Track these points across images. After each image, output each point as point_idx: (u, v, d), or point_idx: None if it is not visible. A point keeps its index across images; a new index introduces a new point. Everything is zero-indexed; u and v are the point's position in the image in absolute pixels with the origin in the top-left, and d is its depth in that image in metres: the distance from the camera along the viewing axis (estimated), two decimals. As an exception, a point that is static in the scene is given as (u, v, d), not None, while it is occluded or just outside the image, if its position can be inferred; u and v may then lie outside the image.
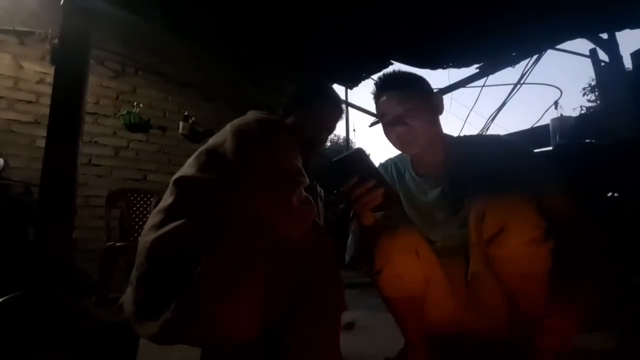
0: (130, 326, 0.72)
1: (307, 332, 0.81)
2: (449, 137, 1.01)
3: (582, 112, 10.52)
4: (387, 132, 0.97)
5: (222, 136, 0.85)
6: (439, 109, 0.97)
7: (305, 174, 0.84)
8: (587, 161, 1.73)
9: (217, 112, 3.43)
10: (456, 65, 3.27)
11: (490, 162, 0.85)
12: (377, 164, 1.10)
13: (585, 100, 12.80)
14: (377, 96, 0.98)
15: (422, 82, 0.98)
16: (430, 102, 0.95)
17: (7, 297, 0.87)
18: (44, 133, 1.53)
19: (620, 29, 2.40)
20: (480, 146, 0.95)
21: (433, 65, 3.22)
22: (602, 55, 2.46)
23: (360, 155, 0.78)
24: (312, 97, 1.03)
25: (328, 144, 1.40)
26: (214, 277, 0.67)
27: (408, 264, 0.86)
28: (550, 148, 2.11)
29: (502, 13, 2.42)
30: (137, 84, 3.12)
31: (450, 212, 0.95)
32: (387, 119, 0.95)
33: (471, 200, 0.85)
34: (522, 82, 3.12)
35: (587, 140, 1.99)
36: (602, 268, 0.80)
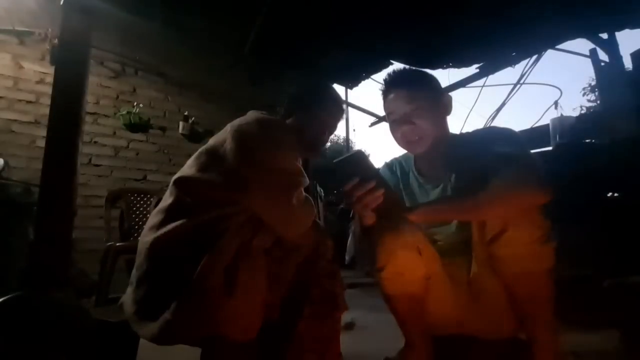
0: (130, 326, 0.72)
1: (307, 332, 0.82)
2: (453, 137, 1.01)
3: (582, 112, 10.51)
4: (393, 130, 0.97)
5: (222, 136, 0.85)
6: (447, 109, 0.96)
7: (305, 174, 0.84)
8: (587, 161, 1.73)
9: (217, 112, 3.43)
10: (456, 65, 3.27)
11: (482, 156, 0.85)
12: (381, 164, 1.09)
13: (585, 100, 12.79)
14: (385, 93, 0.97)
15: (431, 81, 0.97)
16: (439, 101, 0.94)
17: (7, 297, 0.87)
18: (44, 133, 1.53)
19: (620, 29, 2.40)
20: (474, 142, 0.95)
21: (433, 65, 3.22)
22: (602, 55, 2.46)
23: (361, 157, 0.79)
24: (313, 97, 1.03)
25: (328, 144, 1.40)
26: (214, 277, 0.67)
27: (410, 261, 0.86)
28: (550, 148, 2.11)
29: (502, 13, 2.42)
30: (137, 84, 3.12)
31: None
32: (394, 117, 0.95)
33: None
34: (522, 82, 3.12)
35: (587, 140, 1.99)
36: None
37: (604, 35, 2.43)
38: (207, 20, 3.09)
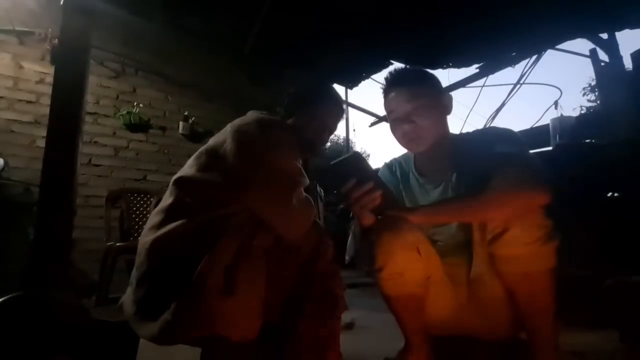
0: (130, 326, 0.72)
1: (307, 332, 0.81)
2: (454, 137, 1.01)
3: (582, 112, 10.50)
4: (394, 129, 0.97)
5: (222, 136, 0.85)
6: (447, 108, 0.97)
7: (305, 174, 0.84)
8: (587, 161, 1.73)
9: (217, 112, 3.43)
10: (456, 65, 3.27)
11: (482, 156, 0.85)
12: (381, 164, 1.09)
13: (585, 100, 12.77)
14: (386, 92, 0.98)
15: (432, 80, 0.97)
16: (440, 101, 0.95)
17: (7, 297, 0.87)
18: (44, 133, 1.53)
19: (620, 29, 2.40)
20: (474, 142, 0.95)
21: (433, 65, 3.22)
22: (602, 55, 2.46)
23: (358, 158, 0.79)
24: (313, 97, 1.03)
25: (328, 144, 1.41)
26: (214, 277, 0.67)
27: (409, 261, 0.85)
28: (550, 148, 2.10)
29: (502, 13, 2.42)
30: (137, 84, 3.12)
31: None
32: (395, 116, 0.95)
33: None
34: (522, 82, 3.12)
35: (587, 140, 1.99)
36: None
37: (604, 35, 2.43)
38: (207, 20, 3.09)
